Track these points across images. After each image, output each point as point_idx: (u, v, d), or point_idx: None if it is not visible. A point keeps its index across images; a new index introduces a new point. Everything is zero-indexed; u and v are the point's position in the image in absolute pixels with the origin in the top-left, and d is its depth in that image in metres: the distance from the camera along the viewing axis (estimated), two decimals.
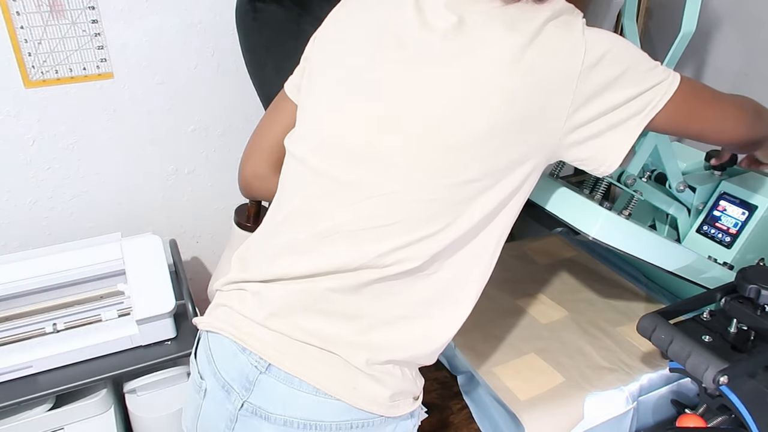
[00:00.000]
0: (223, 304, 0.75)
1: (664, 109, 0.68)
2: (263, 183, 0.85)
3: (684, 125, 0.73)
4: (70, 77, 1.23)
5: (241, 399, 0.69)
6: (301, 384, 0.67)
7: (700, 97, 0.74)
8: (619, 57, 0.66)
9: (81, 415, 1.11)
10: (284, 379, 0.67)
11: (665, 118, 0.69)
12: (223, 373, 0.71)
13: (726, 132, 0.78)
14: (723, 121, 0.77)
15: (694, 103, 0.72)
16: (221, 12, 1.30)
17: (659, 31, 1.43)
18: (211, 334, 0.74)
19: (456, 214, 0.67)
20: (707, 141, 0.81)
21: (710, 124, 0.76)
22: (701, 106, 0.74)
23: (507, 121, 0.63)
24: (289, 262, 0.70)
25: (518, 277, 1.22)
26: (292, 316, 0.69)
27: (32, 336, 1.09)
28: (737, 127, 0.78)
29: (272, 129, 0.83)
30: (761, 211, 1.03)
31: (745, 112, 0.79)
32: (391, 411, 0.70)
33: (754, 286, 0.84)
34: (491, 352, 1.01)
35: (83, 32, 1.21)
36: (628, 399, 0.92)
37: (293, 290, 0.69)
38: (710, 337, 0.86)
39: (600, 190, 0.97)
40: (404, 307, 0.70)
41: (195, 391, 0.76)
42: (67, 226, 1.35)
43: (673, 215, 1.10)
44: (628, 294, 1.17)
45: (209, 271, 1.56)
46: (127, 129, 1.32)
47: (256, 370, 0.69)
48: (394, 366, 0.71)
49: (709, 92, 0.76)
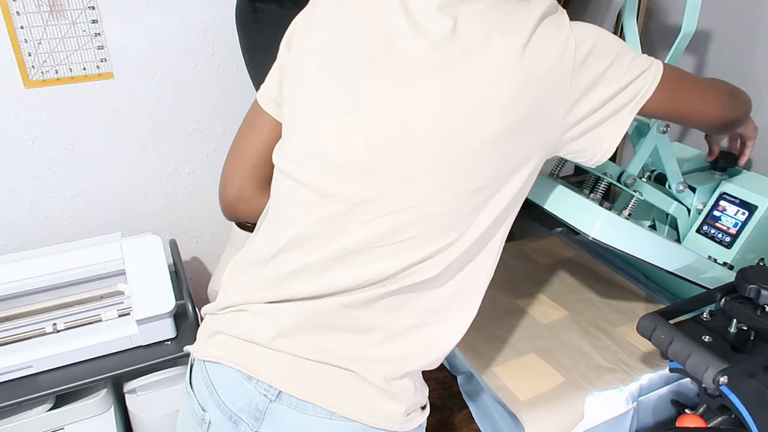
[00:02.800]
0: (221, 331, 0.72)
1: (652, 96, 0.71)
2: (249, 204, 0.81)
3: (671, 109, 0.76)
4: (70, 77, 1.23)
5: (252, 429, 0.67)
6: (315, 409, 0.65)
7: (682, 82, 0.77)
8: (606, 49, 0.67)
9: (81, 415, 1.11)
10: (296, 406, 0.65)
11: (654, 103, 0.71)
12: (229, 403, 0.68)
13: (708, 114, 0.81)
14: (704, 103, 0.80)
15: (678, 88, 0.76)
16: (221, 12, 1.30)
17: (659, 31, 1.43)
18: (210, 364, 0.71)
19: (469, 222, 0.66)
20: (691, 123, 0.86)
21: (694, 107, 0.79)
22: (685, 91, 0.77)
23: (512, 124, 0.63)
24: (300, 284, 0.68)
25: (518, 277, 1.22)
26: (303, 335, 0.67)
27: (32, 336, 1.09)
28: (716, 109, 0.82)
29: (252, 146, 0.78)
30: (761, 211, 1.03)
31: (722, 93, 0.83)
32: (405, 425, 0.69)
33: (754, 286, 0.84)
34: (491, 352, 1.01)
35: (83, 32, 1.21)
36: (628, 399, 0.92)
37: (305, 308, 0.67)
38: (710, 337, 0.86)
39: (600, 190, 0.96)
40: (416, 316, 0.69)
41: (197, 424, 0.72)
42: (67, 226, 1.35)
43: (673, 215, 1.10)
44: (628, 294, 1.17)
45: (209, 271, 1.56)
46: (127, 129, 1.32)
47: (266, 399, 0.66)
48: (409, 380, 0.70)
49: (690, 77, 0.80)
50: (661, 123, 0.97)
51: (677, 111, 0.78)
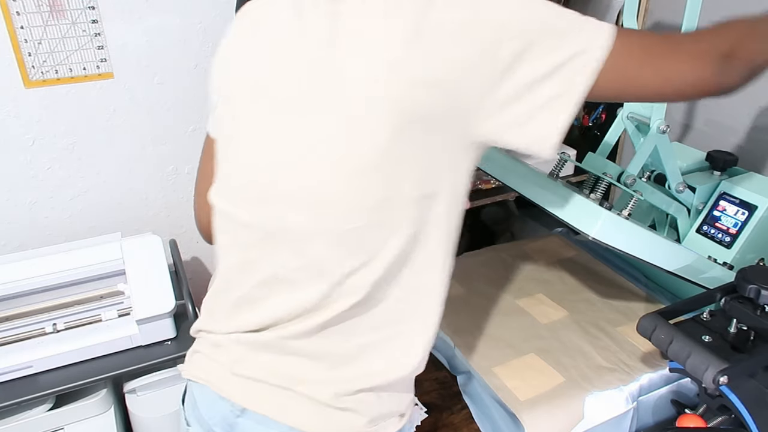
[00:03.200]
0: (198, 350, 0.75)
1: (600, 75, 0.58)
2: None
3: (627, 88, 0.62)
4: (70, 77, 1.23)
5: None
6: (276, 424, 0.67)
7: (644, 49, 0.61)
8: (527, 23, 0.57)
9: (81, 415, 1.11)
10: (260, 421, 0.68)
11: (605, 83, 0.59)
12: (207, 418, 0.72)
13: (690, 86, 0.63)
14: (681, 75, 0.62)
15: (635, 60, 0.60)
16: (221, 12, 1.30)
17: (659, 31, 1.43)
18: (191, 382, 0.75)
19: (385, 235, 0.63)
20: (668, 99, 0.72)
21: (660, 83, 0.62)
22: (646, 63, 0.61)
23: (407, 125, 0.58)
24: (243, 316, 0.69)
25: (518, 277, 1.22)
26: (255, 361, 0.69)
27: (32, 336, 1.09)
28: (702, 79, 0.63)
29: (213, 171, 0.77)
30: (761, 211, 1.03)
31: (710, 55, 0.63)
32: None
33: (754, 286, 0.84)
34: (491, 352, 1.01)
35: (83, 32, 1.21)
36: (628, 399, 0.92)
37: (253, 340, 0.69)
38: (710, 337, 0.86)
39: (600, 190, 0.96)
40: (365, 335, 0.67)
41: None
42: (67, 226, 1.35)
43: (673, 215, 1.10)
44: (628, 294, 1.17)
45: (209, 271, 1.56)
46: (126, 129, 1.32)
47: (233, 415, 0.69)
48: (367, 393, 0.68)
49: (657, 41, 0.62)
50: (662, 123, 0.97)
51: (641, 89, 0.63)
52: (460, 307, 1.12)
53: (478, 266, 1.25)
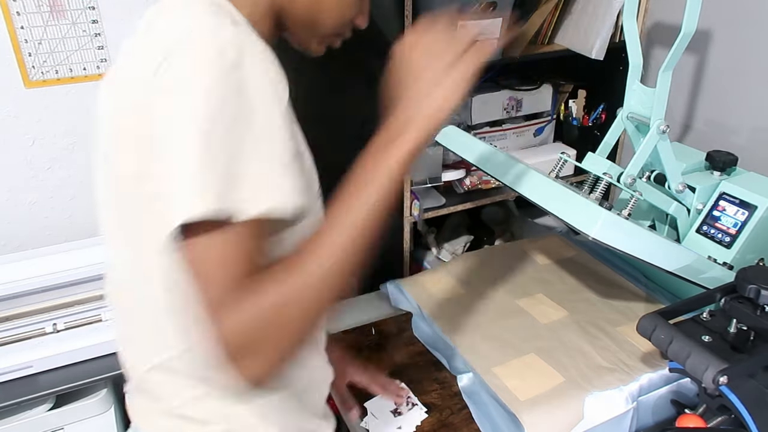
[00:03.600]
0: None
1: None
2: None
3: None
4: (70, 77, 1.23)
5: None
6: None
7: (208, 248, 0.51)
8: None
9: (81, 415, 1.11)
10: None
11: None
12: None
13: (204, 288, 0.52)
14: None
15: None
16: None
17: (659, 32, 1.43)
18: None
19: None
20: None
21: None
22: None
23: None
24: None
25: (518, 277, 1.22)
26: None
27: (32, 336, 1.09)
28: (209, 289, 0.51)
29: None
30: (761, 211, 1.03)
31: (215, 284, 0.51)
32: None
33: (754, 286, 0.84)
34: (491, 352, 1.01)
35: (83, 32, 1.21)
36: (628, 399, 0.92)
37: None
38: (710, 337, 0.86)
39: (600, 190, 0.96)
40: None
41: None
42: (67, 226, 1.35)
43: (673, 215, 1.10)
44: (628, 294, 1.17)
45: None
46: None
47: None
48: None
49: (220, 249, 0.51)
50: (661, 123, 0.97)
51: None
52: (460, 307, 1.12)
53: (478, 266, 1.25)
